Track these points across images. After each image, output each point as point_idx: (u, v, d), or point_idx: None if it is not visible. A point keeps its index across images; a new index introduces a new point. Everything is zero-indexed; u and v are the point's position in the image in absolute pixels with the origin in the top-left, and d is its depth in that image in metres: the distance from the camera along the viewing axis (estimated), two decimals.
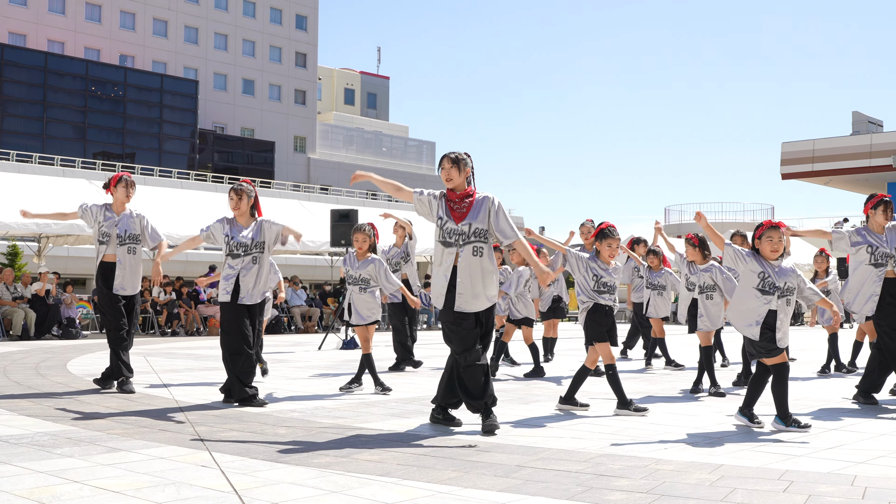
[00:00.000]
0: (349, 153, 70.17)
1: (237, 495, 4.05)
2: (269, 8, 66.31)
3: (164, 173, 46.65)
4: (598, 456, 5.12)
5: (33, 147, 49.58)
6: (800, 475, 4.57)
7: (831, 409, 7.47)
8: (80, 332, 18.89)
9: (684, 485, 4.33)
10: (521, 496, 4.09)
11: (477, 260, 6.10)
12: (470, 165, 6.30)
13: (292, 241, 8.63)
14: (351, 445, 5.44)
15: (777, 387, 6.11)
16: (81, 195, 19.96)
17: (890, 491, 4.20)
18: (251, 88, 65.23)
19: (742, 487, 4.27)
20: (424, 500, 3.99)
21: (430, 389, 8.63)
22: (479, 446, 5.42)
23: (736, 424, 6.40)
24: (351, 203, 36.21)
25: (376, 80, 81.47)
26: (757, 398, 6.30)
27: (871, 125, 56.69)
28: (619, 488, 4.25)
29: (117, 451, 5.13)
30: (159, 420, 6.48)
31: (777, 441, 5.68)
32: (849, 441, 5.70)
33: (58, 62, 53.85)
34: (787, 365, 6.21)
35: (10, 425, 6.13)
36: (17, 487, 4.17)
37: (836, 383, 9.63)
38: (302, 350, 15.39)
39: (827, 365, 10.82)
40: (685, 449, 5.38)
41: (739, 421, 6.35)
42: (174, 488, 4.18)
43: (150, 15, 60.14)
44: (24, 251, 24.28)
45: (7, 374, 9.91)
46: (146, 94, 57.14)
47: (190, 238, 8.16)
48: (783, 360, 6.16)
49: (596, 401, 7.54)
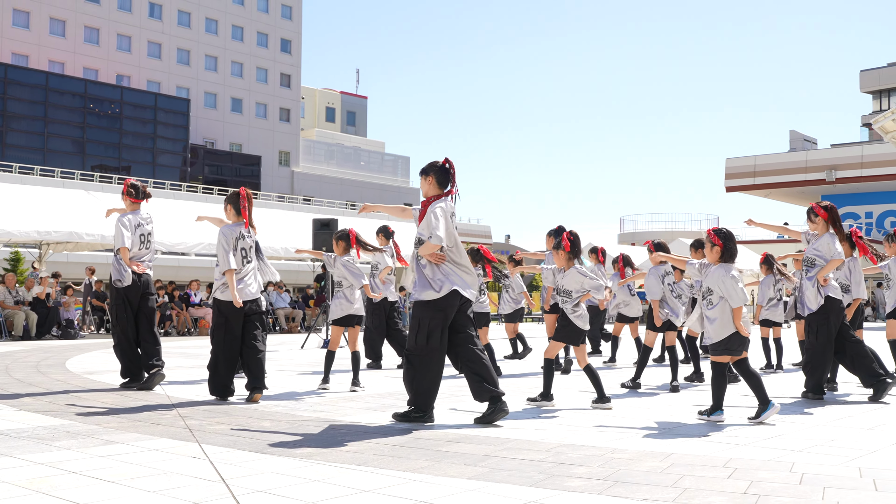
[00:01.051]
0: (330, 167, 70.03)
1: (225, 484, 4.01)
2: (256, 32, 66.14)
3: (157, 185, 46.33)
4: (558, 446, 5.12)
5: (35, 160, 49.11)
6: (743, 462, 4.60)
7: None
8: (79, 333, 18.70)
9: (637, 472, 4.34)
10: (488, 483, 4.08)
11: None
12: (432, 173, 6.19)
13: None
14: (331, 437, 5.41)
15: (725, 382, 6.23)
16: (80, 205, 19.78)
17: (824, 477, 4.23)
18: (239, 106, 64.96)
19: (690, 474, 4.29)
20: (399, 488, 3.97)
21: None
22: (449, 437, 5.41)
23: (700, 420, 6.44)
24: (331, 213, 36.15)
25: (355, 100, 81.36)
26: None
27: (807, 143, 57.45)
28: (578, 475, 4.25)
29: (113, 444, 5.07)
30: (152, 414, 6.42)
31: (723, 431, 5.72)
32: (787, 432, 5.74)
33: (58, 81, 53.38)
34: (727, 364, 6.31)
35: (11, 419, 6.05)
36: (17, 478, 4.11)
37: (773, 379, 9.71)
38: (286, 349, 15.31)
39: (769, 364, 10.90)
40: (639, 439, 5.40)
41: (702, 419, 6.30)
42: (166, 478, 4.14)
43: (145, 38, 59.78)
44: (25, 257, 24.00)
45: (9, 372, 9.78)
46: (141, 112, 56.77)
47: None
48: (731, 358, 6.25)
49: (561, 393, 7.55)
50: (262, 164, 63.83)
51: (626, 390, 8.44)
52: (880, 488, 3.98)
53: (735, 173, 53.71)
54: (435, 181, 6.20)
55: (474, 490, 3.94)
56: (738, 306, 6.15)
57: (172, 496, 3.77)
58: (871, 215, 51.08)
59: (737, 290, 6.16)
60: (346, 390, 8.19)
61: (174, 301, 21.42)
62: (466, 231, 65.50)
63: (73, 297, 19.53)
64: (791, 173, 51.62)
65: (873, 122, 32.50)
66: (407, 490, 3.94)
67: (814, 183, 51.03)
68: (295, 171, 67.09)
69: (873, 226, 50.24)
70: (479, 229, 68.95)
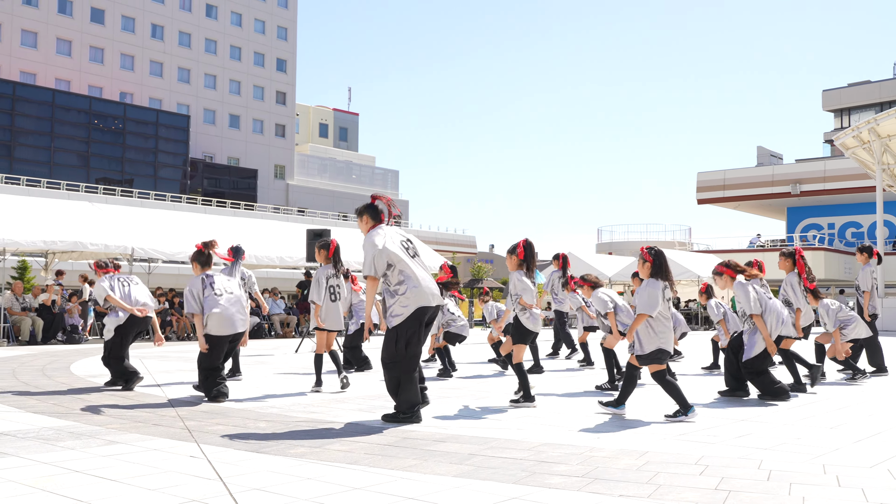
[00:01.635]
0: (323, 180, 69.97)
1: (222, 482, 3.99)
2: (253, 52, 66.09)
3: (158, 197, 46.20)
4: (540, 445, 5.12)
5: (41, 173, 48.89)
6: (714, 460, 4.61)
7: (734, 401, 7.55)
8: (83, 338, 18.57)
9: (615, 469, 4.35)
10: (473, 480, 4.07)
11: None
12: (365, 213, 6.35)
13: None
14: (323, 437, 5.39)
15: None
16: (84, 216, 19.68)
17: (790, 473, 4.25)
18: (237, 122, 64.85)
19: (664, 471, 4.29)
20: (389, 485, 3.96)
21: None
22: (436, 437, 5.40)
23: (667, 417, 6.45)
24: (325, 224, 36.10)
25: (347, 116, 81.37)
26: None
27: (773, 158, 57.84)
28: (559, 473, 4.25)
29: (115, 444, 5.04)
30: (153, 416, 6.38)
31: (695, 431, 5.73)
32: (756, 430, 5.76)
33: (64, 98, 53.16)
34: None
35: (17, 421, 6.00)
36: (23, 477, 4.07)
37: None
38: (280, 353, 15.25)
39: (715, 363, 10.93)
40: (616, 438, 5.40)
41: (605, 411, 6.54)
42: (166, 477, 4.11)
43: (147, 57, 59.63)
44: (32, 265, 23.84)
45: (16, 375, 9.70)
46: (143, 127, 56.60)
47: None
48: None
49: (542, 395, 7.54)
50: (258, 177, 63.71)
51: (600, 391, 8.44)
52: (843, 484, 3.99)
53: (706, 186, 53.99)
54: (369, 218, 6.34)
55: (460, 487, 3.93)
56: (639, 313, 6.28)
57: (172, 494, 3.75)
58: (834, 226, 51.41)
59: (641, 298, 6.29)
60: (337, 391, 8.16)
61: (174, 307, 21.32)
62: (453, 241, 65.54)
63: (76, 305, 19.41)
64: (758, 187, 51.93)
65: (835, 139, 32.77)
66: (396, 487, 3.93)
67: (780, 196, 51.36)
68: (290, 183, 66.97)
69: (835, 236, 50.57)
70: (464, 239, 68.96)
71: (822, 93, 61.68)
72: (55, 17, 54.95)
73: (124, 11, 58.44)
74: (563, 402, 7.49)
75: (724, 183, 53.14)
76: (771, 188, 51.35)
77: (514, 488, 3.90)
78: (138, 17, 59.25)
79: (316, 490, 3.85)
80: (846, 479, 4.10)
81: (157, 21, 60.34)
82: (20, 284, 18.38)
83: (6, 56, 52.73)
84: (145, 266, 22.27)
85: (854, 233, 50.48)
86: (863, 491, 3.84)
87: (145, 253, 19.23)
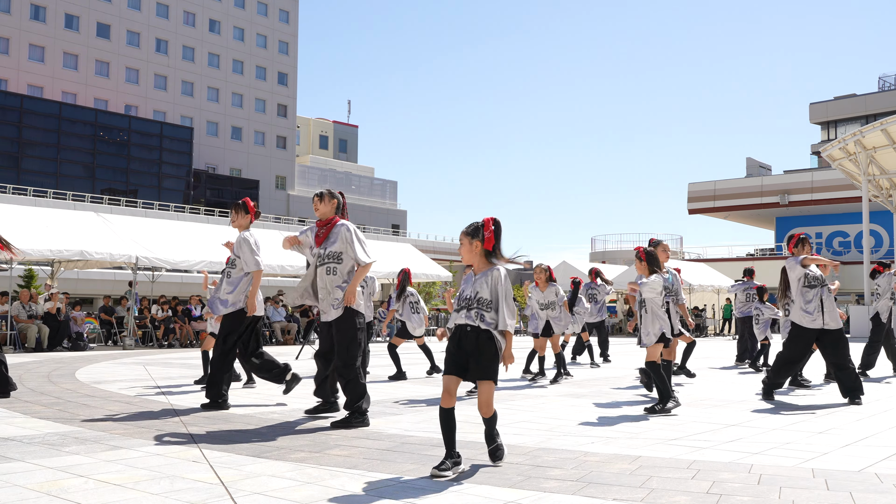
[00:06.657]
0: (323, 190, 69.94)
1: (224, 487, 3.97)
2: (255, 66, 66.21)
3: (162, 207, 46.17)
4: (535, 449, 5.10)
5: (48, 184, 48.86)
6: (705, 464, 4.60)
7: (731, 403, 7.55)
8: (88, 345, 18.52)
9: (608, 473, 4.33)
10: (470, 484, 4.06)
11: (330, 277, 6.20)
12: (336, 198, 6.39)
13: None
14: (323, 442, 5.37)
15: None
16: (90, 226, 19.66)
17: (781, 478, 4.24)
18: (239, 134, 64.91)
19: (657, 475, 4.28)
20: (386, 489, 3.94)
21: (391, 394, 8.61)
22: (433, 442, 5.38)
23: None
24: None
25: (347, 128, 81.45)
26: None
27: (762, 169, 57.98)
28: (554, 477, 4.24)
29: (119, 449, 5.02)
30: (156, 421, 6.36)
31: (687, 436, 5.72)
32: (746, 435, 5.75)
33: (70, 111, 53.19)
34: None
35: (23, 426, 5.98)
36: (29, 481, 4.05)
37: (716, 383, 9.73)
38: (282, 360, 15.19)
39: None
40: (609, 443, 5.39)
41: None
42: (168, 481, 4.10)
43: (151, 71, 59.72)
44: (38, 274, 23.79)
45: (22, 382, 9.66)
46: (147, 139, 56.62)
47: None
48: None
49: (537, 401, 7.54)
50: (260, 187, 63.75)
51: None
52: (831, 488, 3.99)
53: (697, 197, 54.07)
54: (336, 205, 6.40)
55: (458, 491, 3.92)
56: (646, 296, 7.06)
57: (175, 498, 3.73)
58: (821, 236, 51.45)
59: (646, 287, 7.00)
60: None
61: (177, 315, 21.28)
62: (450, 250, 65.51)
63: (82, 312, 19.38)
64: (748, 197, 52.02)
65: (822, 151, 32.87)
66: (394, 491, 3.91)
67: (769, 206, 51.45)
68: (290, 194, 67.00)
69: (823, 245, 50.63)
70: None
71: (810, 106, 61.84)
72: (62, 31, 55.04)
73: (129, 27, 58.55)
74: (559, 407, 7.48)
75: (714, 193, 53.23)
76: (760, 198, 51.44)
77: (511, 492, 3.88)
78: (143, 31, 59.36)
79: (316, 494, 3.83)
80: (835, 483, 4.09)
81: (162, 36, 60.45)
82: (27, 293, 18.35)
83: (14, 70, 52.78)
84: (149, 275, 22.22)
85: (841, 242, 50.54)
86: (851, 494, 3.84)
87: (149, 262, 19.21)
